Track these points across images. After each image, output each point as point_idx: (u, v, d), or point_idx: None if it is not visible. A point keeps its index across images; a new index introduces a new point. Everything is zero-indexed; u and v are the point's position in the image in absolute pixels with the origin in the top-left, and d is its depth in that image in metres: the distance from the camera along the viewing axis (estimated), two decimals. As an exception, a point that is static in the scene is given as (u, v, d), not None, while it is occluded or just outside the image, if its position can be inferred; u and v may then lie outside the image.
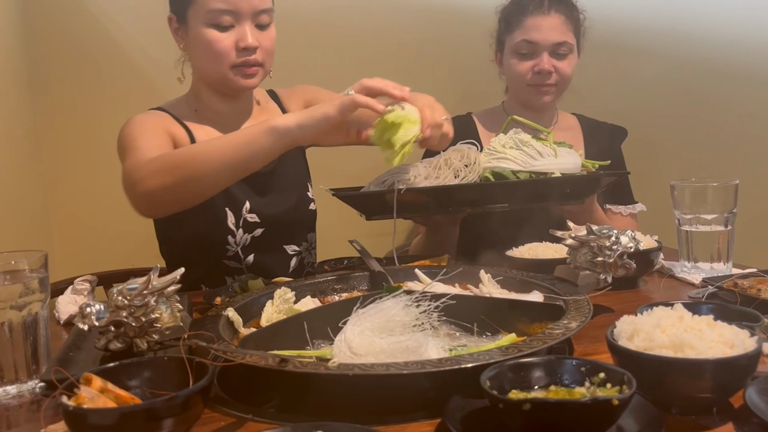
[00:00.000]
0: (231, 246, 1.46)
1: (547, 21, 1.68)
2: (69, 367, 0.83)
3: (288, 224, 1.53)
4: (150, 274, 0.85)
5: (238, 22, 1.36)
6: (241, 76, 1.39)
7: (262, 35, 1.39)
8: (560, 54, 1.69)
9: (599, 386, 0.66)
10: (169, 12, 1.44)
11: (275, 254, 1.52)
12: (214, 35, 1.36)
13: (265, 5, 1.38)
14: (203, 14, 1.35)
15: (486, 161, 1.38)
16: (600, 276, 1.01)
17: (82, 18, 1.95)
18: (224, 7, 1.34)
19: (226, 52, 1.36)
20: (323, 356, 0.74)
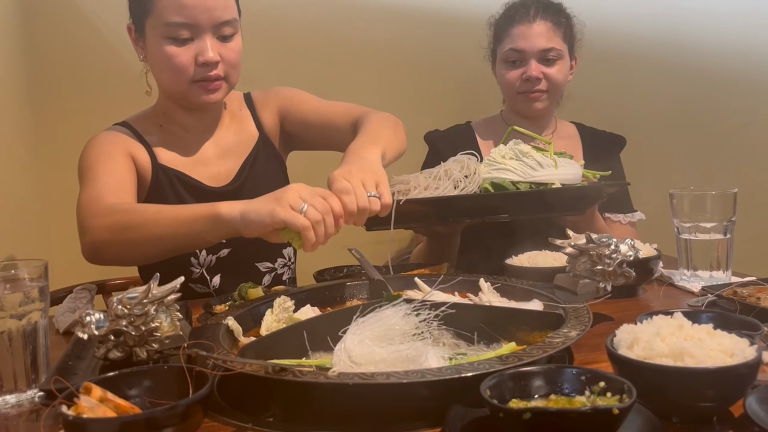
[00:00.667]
0: (195, 268, 1.41)
1: (533, 29, 1.70)
2: (68, 376, 0.83)
3: (257, 241, 1.43)
4: (150, 283, 0.85)
5: (197, 36, 1.29)
6: (202, 92, 1.33)
7: (225, 48, 1.32)
8: (549, 60, 1.70)
9: (599, 395, 0.66)
10: (128, 21, 1.38)
11: (245, 274, 1.43)
12: (171, 50, 1.28)
13: (227, 16, 1.30)
14: (161, 27, 1.28)
15: (486, 172, 1.38)
16: (599, 284, 1.01)
17: (81, 26, 1.96)
18: (182, 20, 1.26)
19: (184, 67, 1.29)
20: (323, 365, 0.74)
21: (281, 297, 1.04)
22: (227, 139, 1.49)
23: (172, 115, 1.44)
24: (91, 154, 1.33)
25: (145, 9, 1.30)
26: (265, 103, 1.55)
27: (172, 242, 1.16)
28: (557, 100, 1.80)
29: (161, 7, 1.27)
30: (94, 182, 1.27)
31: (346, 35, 2.16)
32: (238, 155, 1.49)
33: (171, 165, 1.41)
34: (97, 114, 1.97)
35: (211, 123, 1.48)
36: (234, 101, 1.53)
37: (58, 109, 1.97)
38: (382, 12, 2.19)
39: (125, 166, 1.34)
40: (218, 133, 1.48)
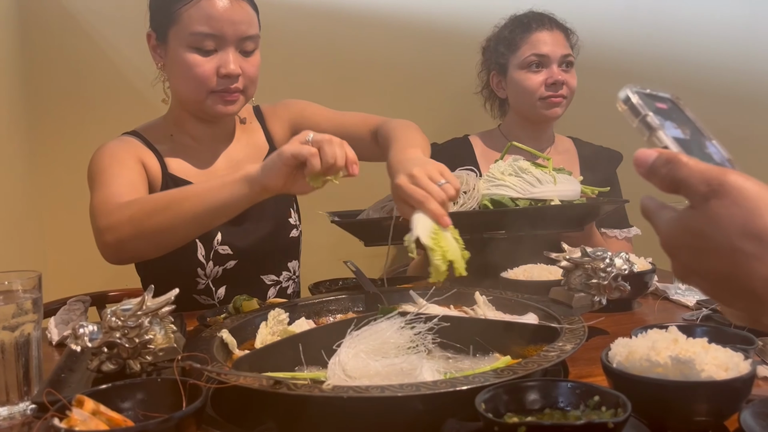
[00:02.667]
0: (201, 279, 1.40)
1: (553, 36, 1.74)
2: (61, 388, 0.83)
3: (264, 254, 1.45)
4: (144, 295, 0.85)
5: (221, 48, 1.30)
6: (220, 103, 1.34)
7: (246, 62, 1.34)
8: (568, 65, 1.73)
9: (594, 409, 0.66)
10: (148, 28, 1.38)
11: (250, 286, 1.43)
12: (195, 59, 1.30)
13: (251, 32, 1.33)
14: (186, 36, 1.29)
15: (485, 188, 1.38)
16: (594, 298, 1.01)
17: (77, 36, 1.97)
18: (208, 31, 1.28)
19: (206, 77, 1.30)
20: (318, 378, 0.74)
21: (275, 309, 1.04)
22: (237, 152, 1.49)
23: (184, 126, 1.44)
24: (103, 159, 1.33)
25: (170, 18, 1.31)
26: (275, 116, 1.56)
27: (201, 217, 1.14)
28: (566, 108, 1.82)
29: (188, 17, 1.29)
30: (106, 185, 1.26)
31: (345, 49, 2.18)
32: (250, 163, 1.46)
33: (181, 175, 1.41)
34: (93, 125, 1.98)
35: (222, 135, 1.48)
36: (244, 114, 1.53)
37: (54, 120, 1.97)
38: (380, 27, 2.21)
39: (137, 172, 1.33)
40: (229, 146, 1.49)
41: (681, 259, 0.56)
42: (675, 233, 0.56)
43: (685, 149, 0.57)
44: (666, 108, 0.62)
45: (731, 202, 0.51)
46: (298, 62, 2.12)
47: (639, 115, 0.59)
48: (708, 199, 0.52)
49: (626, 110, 0.61)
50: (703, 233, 0.53)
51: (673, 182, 0.55)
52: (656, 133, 0.58)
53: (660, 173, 0.55)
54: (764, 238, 0.49)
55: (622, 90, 0.61)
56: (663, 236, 0.57)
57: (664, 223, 0.57)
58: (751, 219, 0.50)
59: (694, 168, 0.54)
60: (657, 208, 0.59)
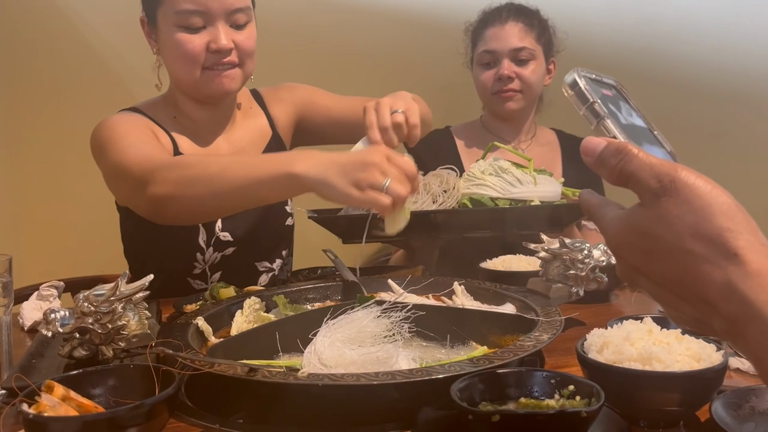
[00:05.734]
0: (199, 263, 1.39)
1: (505, 29, 1.73)
2: (31, 374, 0.81)
3: (261, 241, 1.45)
4: (118, 280, 0.84)
5: (210, 23, 1.27)
6: (215, 78, 1.29)
7: (239, 35, 1.29)
8: (521, 60, 1.73)
9: (568, 398, 0.66)
10: (141, 13, 1.36)
11: (244, 273, 1.43)
12: (183, 37, 1.26)
13: (240, 3, 1.28)
14: (172, 15, 1.26)
15: (465, 187, 1.38)
16: (572, 289, 1.02)
17: (56, 21, 1.93)
18: (193, 7, 1.25)
19: (196, 53, 1.27)
20: (293, 366, 0.74)
21: (251, 298, 1.03)
22: (239, 136, 1.46)
23: (184, 109, 1.40)
24: (116, 126, 1.28)
25: (154, 4, 1.29)
26: (276, 99, 1.52)
27: (239, 200, 1.11)
28: (533, 101, 1.82)
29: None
30: (133, 147, 1.21)
31: (328, 39, 2.16)
32: (253, 150, 1.47)
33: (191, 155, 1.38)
34: (72, 112, 1.95)
35: (222, 119, 1.44)
36: (243, 97, 1.49)
37: (30, 106, 1.93)
38: (362, 16, 2.19)
39: (155, 142, 1.29)
40: (230, 130, 1.45)
41: (627, 259, 0.53)
42: (622, 232, 0.53)
43: (633, 139, 0.55)
44: (611, 95, 0.60)
45: (683, 201, 0.48)
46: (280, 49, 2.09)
47: (586, 102, 0.57)
48: (659, 197, 0.49)
49: (572, 96, 0.58)
50: (652, 233, 0.50)
51: (622, 175, 0.52)
52: (604, 121, 0.56)
53: (609, 164, 0.52)
54: (716, 240, 0.47)
55: (569, 73, 0.58)
56: (608, 235, 0.54)
57: (610, 220, 0.54)
58: (703, 219, 0.47)
59: (645, 161, 0.50)
60: (600, 204, 0.56)
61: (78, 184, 1.97)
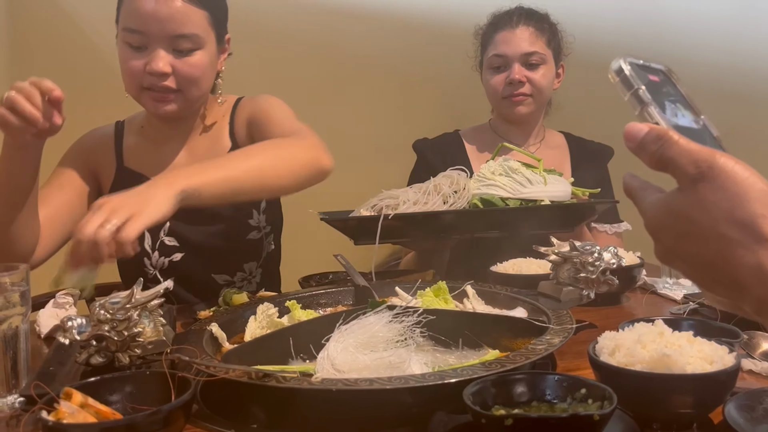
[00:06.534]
0: (148, 269, 1.40)
1: (516, 34, 1.73)
2: (49, 381, 0.82)
3: (215, 253, 1.43)
4: (133, 288, 0.85)
5: (149, 45, 1.27)
6: (152, 102, 1.30)
7: (181, 62, 1.28)
8: (531, 64, 1.72)
9: (581, 402, 0.67)
10: None
11: (200, 282, 1.43)
12: (127, 53, 1.28)
13: (184, 30, 1.26)
14: (121, 31, 1.29)
15: (475, 188, 1.38)
16: (583, 292, 1.02)
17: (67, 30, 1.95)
18: (134, 27, 1.26)
19: (134, 72, 1.28)
20: (307, 371, 0.74)
21: (264, 304, 1.04)
22: (200, 149, 1.45)
23: (150, 120, 1.44)
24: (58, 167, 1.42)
25: (117, 13, 1.33)
26: (242, 112, 1.49)
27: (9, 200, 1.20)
28: (543, 106, 1.82)
29: (123, 12, 1.29)
30: None
31: (336, 44, 2.17)
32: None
33: (137, 168, 1.43)
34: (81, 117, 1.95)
35: (183, 131, 1.45)
36: (222, 108, 1.48)
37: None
38: (371, 21, 2.20)
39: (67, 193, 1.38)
40: (191, 142, 1.45)
41: (664, 241, 0.55)
42: (659, 215, 0.55)
43: (677, 125, 0.56)
44: (658, 81, 0.60)
45: (719, 186, 0.50)
46: (289, 57, 2.11)
47: (631, 88, 0.58)
48: (696, 182, 0.51)
49: (618, 82, 0.59)
50: (688, 217, 0.52)
51: (661, 160, 0.53)
52: (647, 108, 0.57)
53: (649, 150, 0.54)
54: (750, 225, 0.49)
55: (615, 60, 0.59)
56: (647, 217, 0.56)
57: (649, 204, 0.56)
58: (738, 205, 0.49)
59: (684, 147, 0.52)
60: (641, 187, 0.58)
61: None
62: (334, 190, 1.86)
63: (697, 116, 0.60)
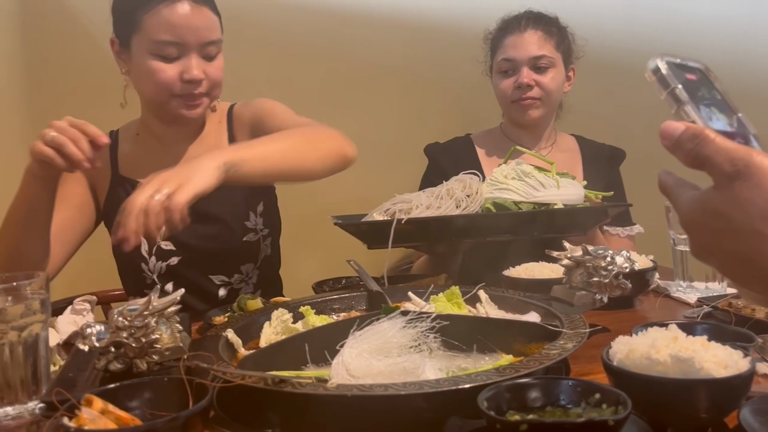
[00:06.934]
0: (146, 273, 1.43)
1: (524, 38, 1.74)
2: (68, 387, 0.84)
3: (211, 255, 1.45)
4: (150, 295, 0.86)
5: (184, 54, 1.32)
6: (184, 108, 1.35)
7: (209, 66, 1.35)
8: (540, 67, 1.73)
9: (595, 407, 0.67)
10: (111, 34, 1.39)
11: (198, 285, 1.46)
12: (158, 65, 1.31)
13: (213, 37, 1.34)
14: (148, 43, 1.31)
15: (488, 192, 1.39)
16: (596, 296, 1.02)
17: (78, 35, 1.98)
18: (170, 38, 1.30)
19: (169, 82, 1.32)
20: (322, 377, 0.75)
21: (279, 309, 1.05)
22: (198, 153, 1.45)
23: (150, 126, 1.47)
24: None
25: (132, 25, 1.32)
26: (241, 119, 1.52)
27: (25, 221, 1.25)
28: (553, 109, 1.82)
29: (150, 25, 1.30)
30: None
31: (346, 48, 2.18)
32: None
33: (131, 176, 1.46)
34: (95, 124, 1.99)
35: (185, 136, 1.48)
36: (217, 115, 1.52)
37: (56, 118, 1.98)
38: (381, 25, 2.21)
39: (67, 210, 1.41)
40: (191, 147, 1.49)
41: (699, 238, 0.56)
42: (695, 212, 0.56)
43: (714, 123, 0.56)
44: (695, 79, 0.61)
45: (755, 184, 0.51)
46: (300, 62, 2.12)
47: (668, 87, 0.58)
48: (732, 180, 0.52)
49: (654, 81, 0.59)
50: (724, 214, 0.53)
51: (697, 158, 0.54)
52: (684, 106, 0.57)
53: (685, 148, 0.55)
54: None
55: (652, 59, 0.60)
56: (682, 214, 0.57)
57: (684, 201, 0.57)
58: None
59: (721, 146, 0.53)
60: (676, 184, 0.59)
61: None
62: (347, 195, 1.87)
63: (735, 114, 0.60)
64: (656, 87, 0.59)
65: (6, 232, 1.27)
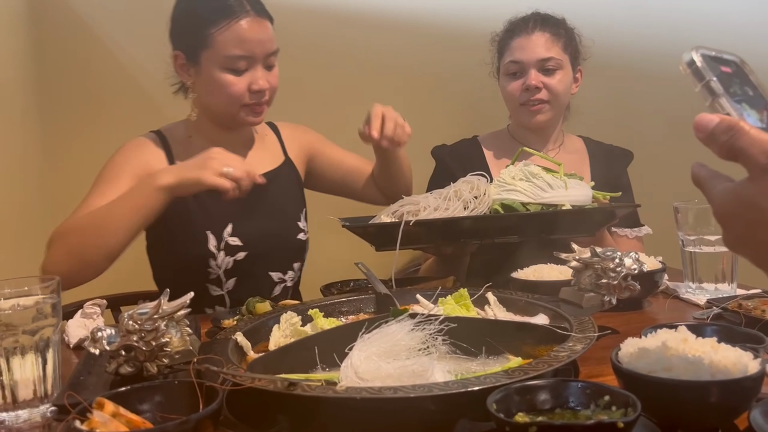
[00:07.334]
0: (212, 269, 1.47)
1: (531, 40, 1.73)
2: (80, 391, 0.84)
3: (272, 250, 1.53)
4: (160, 299, 0.86)
5: (251, 66, 1.42)
6: (251, 115, 1.46)
7: (270, 75, 1.45)
8: (548, 69, 1.72)
9: (604, 409, 0.67)
10: (172, 49, 1.47)
11: (258, 279, 1.52)
12: (229, 79, 1.41)
13: (274, 47, 1.45)
14: (220, 58, 1.40)
15: (496, 193, 1.38)
16: (605, 298, 1.02)
17: (88, 41, 1.99)
18: (241, 53, 1.39)
19: (240, 94, 1.42)
20: (331, 380, 0.75)
21: (288, 312, 1.05)
22: (252, 156, 1.59)
23: (205, 130, 1.54)
24: (105, 169, 1.45)
25: (202, 42, 1.41)
26: (293, 136, 1.69)
27: (131, 233, 1.31)
28: (561, 111, 1.81)
29: (221, 41, 1.39)
30: (87, 204, 1.38)
31: (354, 51, 2.18)
32: (263, 169, 1.57)
33: None
34: (106, 127, 2.00)
35: (240, 141, 1.58)
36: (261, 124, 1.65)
37: (67, 124, 2.00)
38: (388, 27, 2.22)
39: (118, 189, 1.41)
40: (244, 150, 1.58)
41: (733, 230, 0.56)
42: (729, 204, 0.56)
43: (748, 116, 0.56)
44: (730, 72, 0.61)
45: None
46: (308, 65, 2.13)
47: (702, 79, 0.58)
48: (766, 172, 0.52)
49: (689, 74, 0.59)
50: (758, 205, 0.53)
51: (732, 150, 0.54)
52: (719, 99, 0.57)
53: (720, 140, 0.55)
54: None
55: (687, 52, 0.60)
56: (716, 206, 0.58)
57: (718, 192, 0.57)
58: None
59: (755, 138, 0.53)
60: (710, 176, 0.59)
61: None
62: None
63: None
64: (691, 79, 0.59)
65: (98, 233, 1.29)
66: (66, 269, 1.26)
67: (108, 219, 1.29)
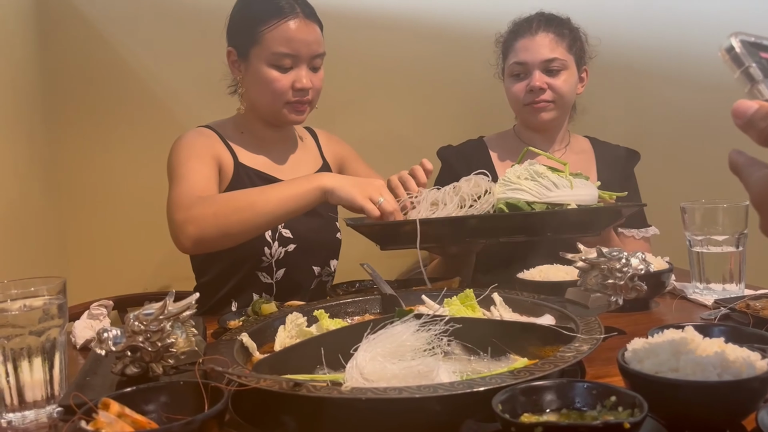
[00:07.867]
0: (266, 257, 1.54)
1: (535, 40, 1.73)
2: (86, 391, 0.84)
3: (316, 245, 1.62)
4: (165, 300, 0.87)
5: (296, 65, 1.50)
6: (293, 113, 1.53)
7: (315, 76, 1.53)
8: (552, 70, 1.72)
9: (611, 409, 0.67)
10: (227, 46, 1.57)
11: (302, 272, 1.60)
12: (274, 75, 1.49)
13: (320, 50, 1.52)
14: (267, 55, 1.48)
15: (501, 192, 1.38)
16: (611, 298, 1.01)
17: (95, 43, 2.00)
18: (287, 51, 1.48)
19: (283, 91, 1.50)
20: (336, 380, 0.75)
21: (293, 313, 1.05)
22: (296, 155, 1.69)
23: (252, 127, 1.62)
24: (181, 153, 1.50)
25: (253, 39, 1.50)
26: (329, 144, 1.78)
27: (279, 219, 1.35)
28: (566, 112, 1.81)
29: (270, 38, 1.48)
30: (185, 179, 1.42)
31: (359, 52, 2.19)
32: (306, 168, 1.66)
33: (252, 165, 1.60)
34: (112, 130, 2.02)
35: (284, 138, 1.68)
36: (299, 129, 1.75)
37: (73, 126, 2.01)
38: (394, 28, 2.22)
39: (211, 167, 1.50)
40: (289, 147, 1.69)
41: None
42: (766, 190, 0.56)
43: None
44: None
45: None
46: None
47: (741, 65, 0.57)
48: None
49: (728, 60, 0.59)
50: None
51: None
52: (758, 85, 0.57)
53: (759, 126, 0.55)
54: None
55: (726, 38, 0.59)
56: (753, 192, 0.57)
57: (756, 179, 0.57)
58: None
59: None
60: (748, 163, 0.59)
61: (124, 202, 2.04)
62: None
63: None
64: (729, 66, 0.58)
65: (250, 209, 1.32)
66: (209, 234, 1.31)
67: (263, 198, 1.33)
